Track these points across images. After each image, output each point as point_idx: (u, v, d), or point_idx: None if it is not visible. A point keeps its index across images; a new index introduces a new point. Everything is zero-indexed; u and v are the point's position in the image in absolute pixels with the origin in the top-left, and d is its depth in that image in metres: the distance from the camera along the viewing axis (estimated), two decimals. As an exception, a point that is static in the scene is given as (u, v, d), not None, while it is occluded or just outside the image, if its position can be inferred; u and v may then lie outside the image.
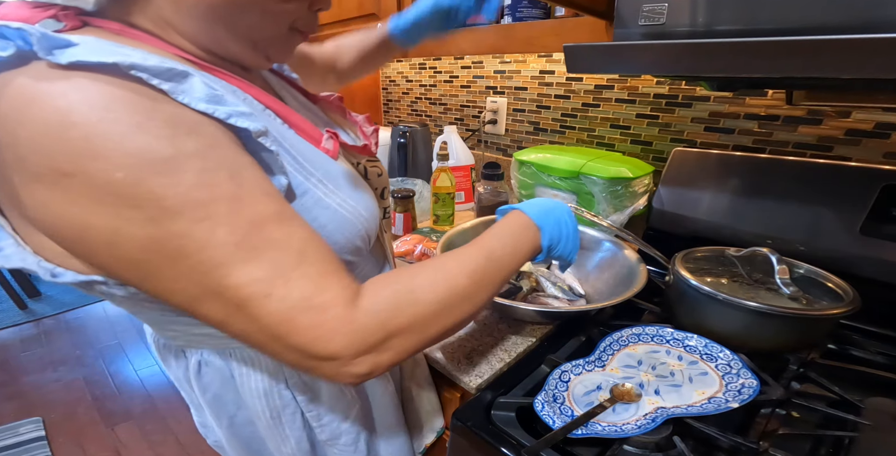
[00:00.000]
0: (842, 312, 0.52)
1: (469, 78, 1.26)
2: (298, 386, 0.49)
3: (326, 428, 0.52)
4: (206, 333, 0.44)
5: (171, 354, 0.50)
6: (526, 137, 1.18)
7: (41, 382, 1.76)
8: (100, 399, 1.67)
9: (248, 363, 0.47)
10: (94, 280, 0.32)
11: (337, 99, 0.55)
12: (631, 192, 0.82)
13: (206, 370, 0.48)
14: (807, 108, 0.72)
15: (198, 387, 0.49)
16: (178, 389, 0.56)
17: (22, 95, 0.26)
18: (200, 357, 0.47)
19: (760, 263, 0.64)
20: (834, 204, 0.66)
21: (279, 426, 0.50)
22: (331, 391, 0.51)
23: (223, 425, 0.52)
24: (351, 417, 0.53)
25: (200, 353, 0.47)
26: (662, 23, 0.44)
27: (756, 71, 0.38)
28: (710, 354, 0.55)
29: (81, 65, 0.27)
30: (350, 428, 0.53)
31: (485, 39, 0.81)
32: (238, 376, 0.47)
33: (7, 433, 1.50)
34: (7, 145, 0.27)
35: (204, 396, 0.50)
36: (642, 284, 0.65)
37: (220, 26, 0.36)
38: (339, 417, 0.52)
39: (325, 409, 0.51)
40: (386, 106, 1.63)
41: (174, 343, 0.48)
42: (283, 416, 0.50)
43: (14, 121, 0.26)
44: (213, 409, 0.51)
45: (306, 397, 0.50)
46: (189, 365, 0.48)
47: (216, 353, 0.47)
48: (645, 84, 0.90)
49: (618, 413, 0.48)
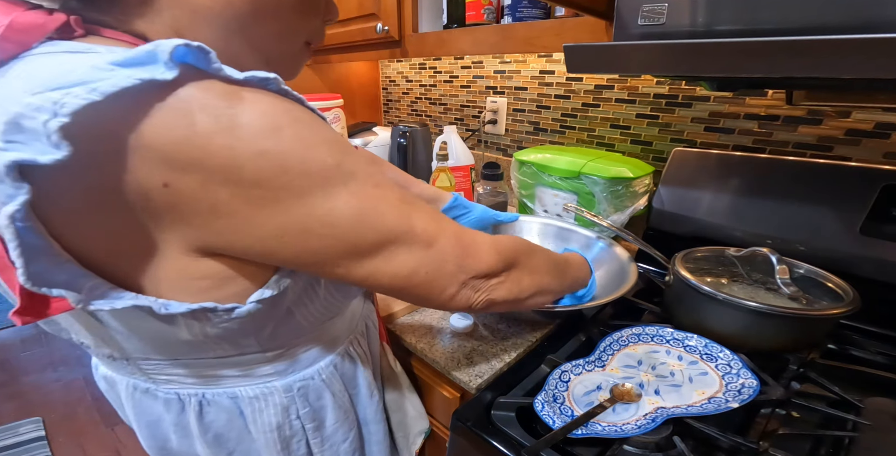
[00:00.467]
0: (842, 312, 0.52)
1: (469, 78, 1.26)
2: (307, 415, 0.50)
3: (327, 452, 0.53)
4: (215, 374, 0.44)
5: (151, 401, 0.46)
6: (526, 137, 1.18)
7: (41, 382, 1.76)
8: (100, 399, 1.67)
9: (260, 399, 0.46)
10: (206, 307, 0.34)
11: None
12: (631, 192, 0.82)
13: (208, 410, 0.46)
14: (807, 108, 0.72)
15: (198, 428, 0.47)
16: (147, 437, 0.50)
17: (222, 115, 0.27)
18: (202, 398, 0.45)
19: (760, 263, 0.64)
20: (834, 204, 0.66)
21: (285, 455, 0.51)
22: (336, 416, 0.52)
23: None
24: (350, 438, 0.55)
25: (202, 394, 0.45)
26: (662, 23, 0.44)
27: (756, 71, 0.38)
28: (710, 354, 0.55)
29: (251, 80, 0.29)
30: (348, 448, 0.55)
31: (485, 39, 0.81)
32: (250, 414, 0.47)
33: (7, 433, 1.50)
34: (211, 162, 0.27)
35: (204, 437, 0.48)
36: (633, 279, 0.66)
37: (237, 38, 0.36)
38: (340, 439, 0.54)
39: (329, 433, 0.53)
40: (386, 106, 1.63)
41: (164, 387, 0.45)
42: (291, 445, 0.50)
43: (224, 138, 0.27)
44: (213, 448, 0.49)
45: (313, 425, 0.51)
46: (187, 408, 0.46)
47: (223, 393, 0.46)
48: (645, 84, 0.90)
49: (618, 413, 0.48)
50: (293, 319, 0.42)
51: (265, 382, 0.46)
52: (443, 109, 1.39)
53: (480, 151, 1.28)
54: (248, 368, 0.44)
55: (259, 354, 0.43)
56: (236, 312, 0.35)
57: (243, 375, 0.45)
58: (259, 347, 0.42)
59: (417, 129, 1.27)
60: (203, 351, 0.40)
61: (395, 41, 0.98)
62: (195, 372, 0.43)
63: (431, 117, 1.45)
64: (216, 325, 0.36)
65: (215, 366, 0.43)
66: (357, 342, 0.54)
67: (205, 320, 0.35)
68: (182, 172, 0.26)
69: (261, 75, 0.29)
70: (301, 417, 0.49)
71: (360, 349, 0.54)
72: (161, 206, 0.28)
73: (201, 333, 0.37)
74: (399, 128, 1.28)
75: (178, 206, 0.28)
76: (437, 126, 1.43)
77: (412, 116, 1.53)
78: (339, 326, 0.51)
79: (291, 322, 0.42)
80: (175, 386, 0.45)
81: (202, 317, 0.35)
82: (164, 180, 0.26)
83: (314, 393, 0.49)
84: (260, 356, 0.44)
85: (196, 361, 0.42)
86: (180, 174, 0.27)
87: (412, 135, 1.26)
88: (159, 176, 0.26)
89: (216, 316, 0.35)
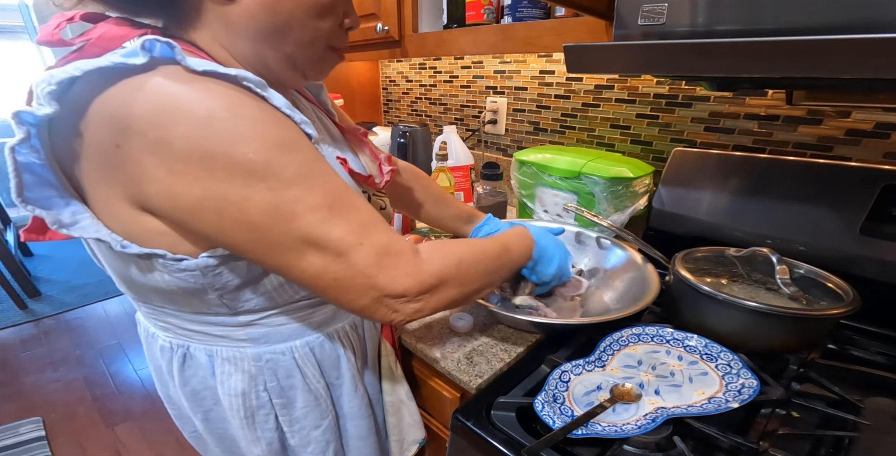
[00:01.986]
0: (842, 312, 0.52)
1: (469, 78, 1.26)
2: (275, 390, 0.51)
3: (297, 434, 0.54)
4: (198, 329, 0.48)
5: (156, 345, 0.52)
6: (526, 137, 1.18)
7: (41, 382, 1.76)
8: (100, 399, 1.67)
9: (231, 362, 0.49)
10: (156, 253, 0.38)
11: (363, 133, 0.59)
12: (631, 192, 0.82)
13: (189, 364, 0.50)
14: (807, 108, 0.72)
15: (179, 379, 0.52)
16: (156, 380, 0.59)
17: (170, 94, 0.32)
18: (186, 351, 0.50)
19: (760, 263, 0.64)
20: (834, 204, 0.66)
21: (252, 426, 0.52)
22: (306, 399, 0.53)
23: (198, 419, 0.55)
24: (323, 426, 0.55)
25: (187, 347, 0.49)
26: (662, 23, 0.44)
27: (756, 71, 0.38)
28: (710, 354, 0.55)
29: (212, 73, 0.34)
30: (320, 437, 0.55)
31: (485, 39, 0.81)
32: (219, 374, 0.50)
33: (7, 433, 1.50)
34: (150, 133, 0.32)
35: (183, 389, 0.52)
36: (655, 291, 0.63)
37: (265, 46, 0.41)
38: (311, 425, 0.54)
39: (298, 415, 0.53)
40: (386, 106, 1.63)
41: (163, 335, 0.50)
42: (257, 416, 0.52)
43: (163, 114, 0.32)
44: (191, 402, 0.53)
45: (282, 401, 0.52)
46: (174, 358, 0.50)
47: (203, 349, 0.49)
48: (645, 84, 0.90)
49: (618, 413, 0.48)
50: (262, 287, 0.44)
51: (239, 346, 0.49)
52: (443, 109, 1.39)
53: (480, 151, 1.28)
54: (224, 328, 0.48)
55: (230, 317, 0.46)
56: (184, 263, 0.39)
57: (221, 336, 0.48)
58: (227, 309, 0.45)
59: (417, 129, 1.27)
60: (176, 303, 0.45)
61: (395, 41, 0.98)
62: (180, 324, 0.48)
63: (431, 117, 1.45)
64: (172, 273, 0.40)
65: (196, 322, 0.47)
66: (346, 333, 0.55)
67: (161, 267, 0.40)
68: (127, 137, 0.32)
69: (222, 70, 0.34)
70: (269, 390, 0.51)
71: (347, 341, 0.55)
72: (114, 163, 0.34)
73: (162, 280, 0.41)
74: (399, 128, 1.28)
75: (124, 165, 0.34)
76: (437, 126, 1.43)
77: (412, 116, 1.53)
78: (325, 312, 0.52)
79: (260, 288, 0.45)
80: (170, 335, 0.50)
81: (157, 263, 0.39)
82: (116, 142, 0.33)
83: (284, 370, 0.51)
84: (232, 319, 0.47)
85: (178, 313, 0.47)
86: (127, 138, 0.32)
87: (412, 135, 1.27)
88: (113, 137, 0.33)
89: (168, 264, 0.39)
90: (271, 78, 0.43)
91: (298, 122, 0.39)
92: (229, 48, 0.41)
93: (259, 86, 0.36)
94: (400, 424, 0.65)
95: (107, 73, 0.32)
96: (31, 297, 2.33)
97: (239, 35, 0.40)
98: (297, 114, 0.39)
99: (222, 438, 0.57)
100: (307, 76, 0.47)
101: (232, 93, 0.34)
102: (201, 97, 0.33)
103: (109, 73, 0.32)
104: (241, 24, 0.39)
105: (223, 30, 0.40)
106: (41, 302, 2.31)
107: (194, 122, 0.32)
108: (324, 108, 0.58)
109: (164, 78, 0.32)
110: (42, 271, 2.59)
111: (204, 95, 0.33)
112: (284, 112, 0.38)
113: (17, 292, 2.24)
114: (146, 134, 0.32)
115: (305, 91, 0.57)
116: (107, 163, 0.34)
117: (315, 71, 0.46)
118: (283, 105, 0.37)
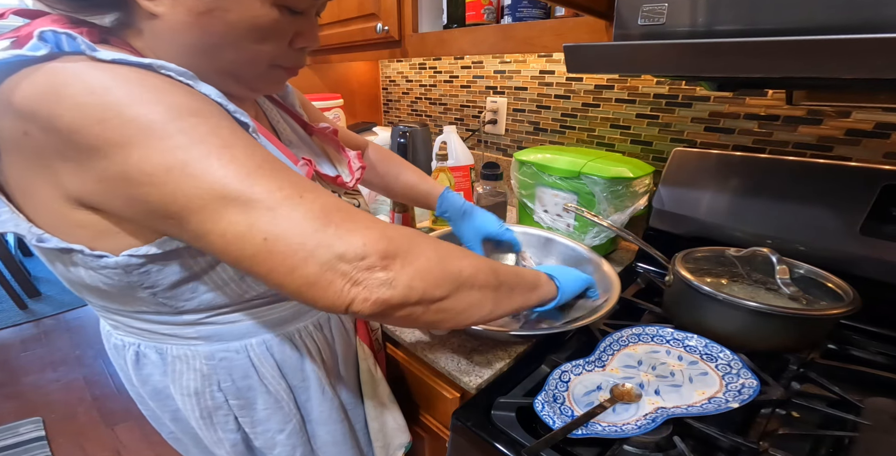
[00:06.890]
0: (842, 312, 0.52)
1: (469, 78, 1.26)
2: (231, 391, 0.49)
3: (261, 436, 0.53)
4: (144, 328, 0.46)
5: (111, 344, 0.51)
6: (526, 137, 1.18)
7: (41, 382, 1.76)
8: (100, 399, 1.67)
9: (182, 361, 0.47)
10: (74, 249, 0.36)
11: (332, 132, 0.57)
12: (631, 192, 0.82)
13: (144, 362, 0.49)
14: (807, 108, 0.72)
15: (136, 379, 0.50)
16: (123, 380, 0.56)
17: (65, 71, 0.30)
18: (138, 349, 0.48)
19: (760, 263, 0.64)
20: (834, 204, 0.66)
21: (211, 427, 0.51)
22: (266, 401, 0.51)
23: (167, 419, 0.53)
24: (287, 430, 0.53)
25: (138, 345, 0.48)
26: (662, 23, 0.44)
27: (756, 71, 0.38)
28: (710, 354, 0.55)
29: (122, 61, 0.32)
30: (286, 441, 0.53)
31: (485, 39, 0.81)
32: (171, 373, 0.48)
33: (7, 433, 1.50)
34: (42, 111, 0.30)
35: (144, 389, 0.51)
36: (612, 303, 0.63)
37: (201, 60, 0.39)
38: (275, 428, 0.53)
39: (261, 417, 0.52)
40: (386, 106, 1.63)
41: (115, 332, 0.49)
42: (215, 417, 0.50)
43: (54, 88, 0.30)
44: (155, 402, 0.52)
45: (239, 402, 0.50)
46: (126, 356, 0.49)
47: (153, 347, 0.48)
48: (645, 84, 0.90)
49: (618, 413, 0.48)
50: (205, 285, 0.42)
51: (190, 344, 0.47)
52: (443, 109, 1.39)
53: (480, 151, 1.28)
54: (171, 327, 0.46)
55: (174, 316, 0.44)
56: (103, 261, 0.37)
57: (170, 335, 0.46)
58: (168, 307, 0.43)
59: (417, 129, 1.27)
60: (113, 301, 0.43)
61: (395, 41, 0.98)
62: (125, 321, 0.46)
63: (431, 117, 1.45)
64: (95, 270, 0.38)
65: (141, 320, 0.45)
66: (310, 333, 0.53)
67: (81, 263, 0.38)
68: (31, 122, 0.31)
69: (134, 60, 0.32)
70: (224, 391, 0.49)
71: (311, 341, 0.53)
72: (29, 151, 0.33)
73: (88, 277, 0.39)
74: (399, 128, 1.28)
75: (39, 152, 0.32)
76: (437, 126, 1.43)
77: (412, 116, 1.53)
78: (284, 309, 0.49)
79: (202, 287, 0.42)
80: (121, 333, 0.48)
81: (77, 258, 0.37)
82: (24, 129, 0.31)
83: (239, 369, 0.49)
84: (176, 318, 0.45)
85: (120, 310, 0.44)
86: (30, 124, 0.31)
87: (412, 135, 1.26)
88: (21, 125, 0.31)
89: (88, 260, 0.37)
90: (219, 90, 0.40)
91: (231, 112, 0.36)
92: (168, 59, 0.36)
93: (183, 75, 0.34)
94: (384, 428, 0.64)
95: (10, 67, 0.31)
96: (31, 297, 2.33)
97: (169, 47, 0.38)
98: (231, 104, 0.36)
99: (197, 438, 0.55)
100: (257, 90, 0.45)
101: (146, 75, 0.32)
102: (100, 73, 0.30)
103: (13, 67, 0.31)
104: (167, 38, 0.37)
105: (154, 41, 0.38)
106: (41, 302, 2.30)
107: (83, 94, 0.30)
108: (291, 109, 0.57)
109: (61, 62, 0.31)
110: (42, 271, 2.58)
111: (104, 73, 0.31)
112: (215, 100, 0.35)
113: (16, 292, 2.24)
114: (39, 113, 0.30)
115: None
116: (20, 152, 0.33)
117: (264, 85, 0.44)
118: (213, 93, 0.35)
